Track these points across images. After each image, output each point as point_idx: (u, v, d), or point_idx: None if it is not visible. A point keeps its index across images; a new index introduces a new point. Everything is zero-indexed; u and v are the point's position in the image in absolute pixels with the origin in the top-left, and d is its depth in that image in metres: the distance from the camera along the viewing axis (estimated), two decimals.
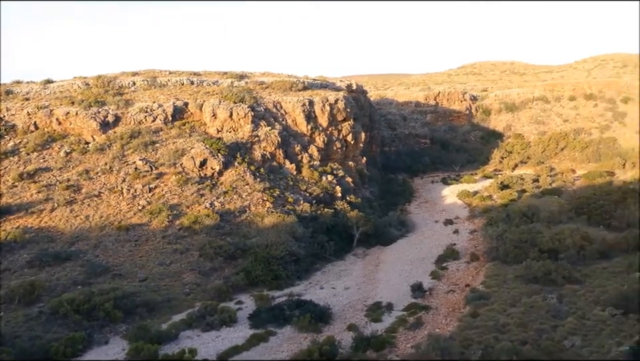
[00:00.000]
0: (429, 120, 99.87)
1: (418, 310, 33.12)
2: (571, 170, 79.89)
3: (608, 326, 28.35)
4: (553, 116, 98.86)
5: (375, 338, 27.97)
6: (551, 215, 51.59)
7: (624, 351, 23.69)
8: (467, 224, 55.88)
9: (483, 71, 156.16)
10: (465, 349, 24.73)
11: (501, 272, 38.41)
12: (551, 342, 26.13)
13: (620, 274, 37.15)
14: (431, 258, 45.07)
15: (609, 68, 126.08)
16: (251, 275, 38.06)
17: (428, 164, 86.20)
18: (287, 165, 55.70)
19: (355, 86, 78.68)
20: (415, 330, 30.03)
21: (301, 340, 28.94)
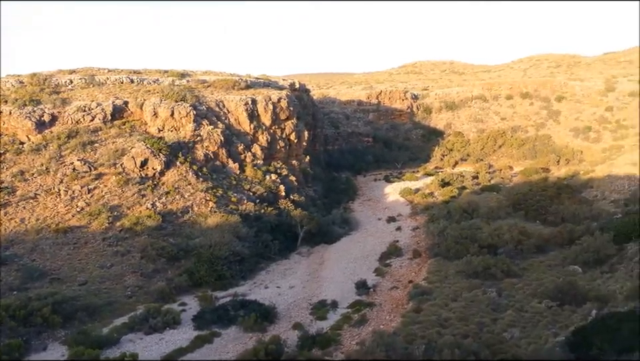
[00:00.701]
0: (371, 118, 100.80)
1: (362, 307, 33.42)
2: (508, 167, 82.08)
3: (545, 317, 29.32)
4: (491, 114, 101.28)
5: (320, 336, 28.07)
6: (490, 211, 52.91)
7: (560, 341, 24.50)
8: (409, 221, 56.70)
9: (424, 70, 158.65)
10: (409, 344, 25.10)
11: (443, 268, 39.15)
12: (491, 334, 26.84)
13: (556, 267, 38.49)
14: (375, 255, 45.54)
15: (543, 67, 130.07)
16: (194, 276, 37.62)
17: (371, 163, 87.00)
18: (230, 164, 55.25)
19: (297, 85, 78.72)
20: (360, 327, 30.30)
21: (246, 340, 28.80)
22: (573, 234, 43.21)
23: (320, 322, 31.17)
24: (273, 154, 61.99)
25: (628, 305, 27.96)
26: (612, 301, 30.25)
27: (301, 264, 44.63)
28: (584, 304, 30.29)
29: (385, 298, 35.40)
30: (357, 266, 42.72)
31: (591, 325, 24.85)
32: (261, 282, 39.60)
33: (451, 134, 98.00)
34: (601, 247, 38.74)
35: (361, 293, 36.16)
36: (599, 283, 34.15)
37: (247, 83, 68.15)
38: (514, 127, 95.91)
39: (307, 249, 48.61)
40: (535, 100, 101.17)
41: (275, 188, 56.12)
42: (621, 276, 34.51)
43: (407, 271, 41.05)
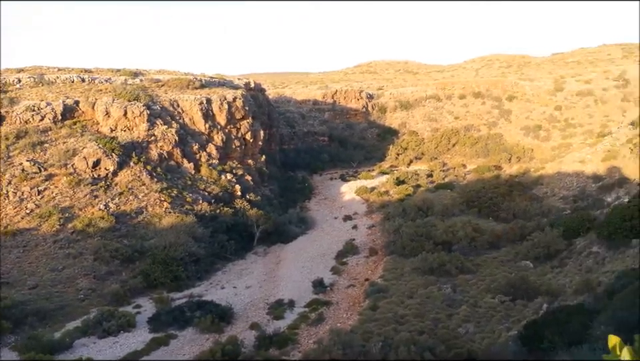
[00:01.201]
0: (327, 118, 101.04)
1: (319, 305, 33.51)
2: (462, 165, 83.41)
3: (498, 312, 29.93)
4: (445, 113, 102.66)
5: (277, 335, 28.05)
6: (445, 208, 53.67)
7: (513, 335, 25.03)
8: (365, 220, 57.08)
9: (379, 70, 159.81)
10: (366, 342, 25.28)
11: (399, 265, 39.55)
12: (447, 330, 27.25)
13: (508, 263, 39.33)
14: (331, 253, 45.71)
15: (494, 68, 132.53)
16: (149, 277, 37.10)
17: (327, 162, 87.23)
18: (185, 164, 54.65)
19: (253, 84, 78.39)
20: (317, 326, 30.37)
21: (203, 341, 28.56)
22: (524, 230, 44.21)
23: (277, 322, 31.12)
24: (228, 154, 61.58)
25: (577, 298, 28.76)
26: (562, 295, 31.07)
27: (257, 264, 44.48)
28: (535, 298, 31.04)
29: (342, 296, 35.57)
30: (313, 265, 42.80)
31: (542, 319, 25.46)
32: (217, 283, 39.32)
33: (405, 133, 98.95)
34: (551, 242, 39.76)
35: (317, 292, 36.25)
36: (550, 277, 35.03)
37: (202, 82, 67.52)
38: (467, 126, 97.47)
39: (264, 249, 48.49)
40: (487, 99, 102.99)
41: (231, 187, 55.77)
42: (570, 271, 35.48)
43: (364, 269, 41.31)
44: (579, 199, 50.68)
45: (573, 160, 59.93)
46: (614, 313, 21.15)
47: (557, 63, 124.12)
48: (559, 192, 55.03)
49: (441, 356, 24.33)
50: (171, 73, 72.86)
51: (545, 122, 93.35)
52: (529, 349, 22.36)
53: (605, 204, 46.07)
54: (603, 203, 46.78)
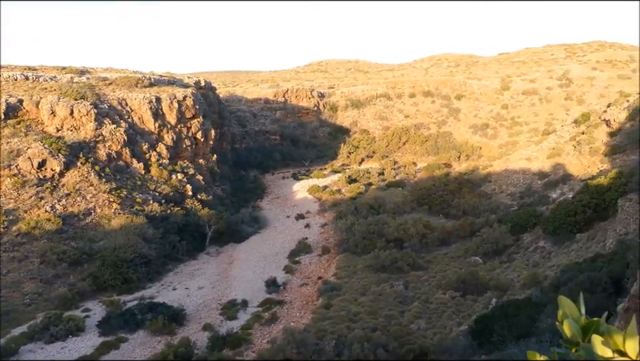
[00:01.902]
0: (278, 116, 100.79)
1: (273, 305, 33.48)
2: (412, 163, 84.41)
3: (449, 307, 30.47)
4: (395, 112, 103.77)
5: (230, 336, 27.89)
6: (396, 206, 54.30)
7: (463, 330, 25.49)
8: (317, 218, 57.23)
9: (330, 69, 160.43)
10: (320, 340, 25.37)
11: (351, 263, 39.82)
12: (399, 326, 27.58)
13: (458, 259, 40.08)
14: (284, 252, 45.70)
15: (443, 67, 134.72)
16: (98, 280, 36.36)
17: (279, 161, 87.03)
18: (134, 164, 53.69)
19: (203, 82, 77.59)
20: (271, 325, 30.34)
21: (154, 343, 28.16)
22: (473, 227, 45.15)
23: (230, 322, 30.95)
24: (179, 153, 60.81)
25: (525, 292, 29.50)
26: (510, 289, 31.84)
27: (209, 264, 44.10)
28: (485, 293, 31.73)
29: (295, 295, 35.60)
30: (266, 264, 42.71)
31: (492, 313, 26.02)
32: (168, 284, 38.82)
33: (357, 132, 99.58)
34: (499, 238, 40.70)
35: (271, 291, 36.19)
36: (499, 272, 35.85)
37: (151, 81, 66.46)
38: (417, 124, 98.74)
39: (216, 249, 48.10)
40: (437, 98, 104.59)
41: (182, 187, 55.10)
42: (518, 265, 36.37)
43: (317, 267, 41.44)
44: (526, 195, 51.98)
45: (520, 157, 61.43)
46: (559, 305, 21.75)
47: (504, 63, 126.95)
48: (507, 188, 56.32)
49: (394, 352, 24.62)
50: (118, 71, 71.46)
51: (493, 120, 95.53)
52: (480, 343, 22.82)
53: (550, 200, 47.40)
54: (548, 199, 48.12)
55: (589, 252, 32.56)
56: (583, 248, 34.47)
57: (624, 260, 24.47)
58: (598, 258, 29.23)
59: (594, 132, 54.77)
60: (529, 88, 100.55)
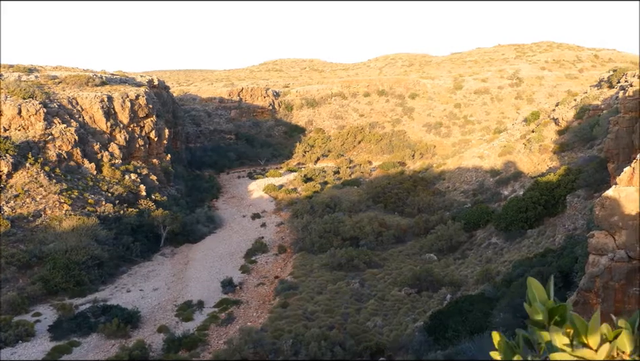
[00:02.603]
0: (233, 116, 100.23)
1: (229, 305, 33.30)
2: (367, 161, 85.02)
3: (405, 304, 30.84)
4: (350, 111, 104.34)
5: (186, 337, 27.63)
6: (352, 205, 54.62)
7: (419, 326, 25.81)
8: (273, 217, 57.11)
9: (284, 68, 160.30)
10: (277, 339, 25.36)
11: (308, 262, 39.90)
12: (356, 324, 27.78)
13: (413, 256, 40.57)
14: (240, 252, 45.47)
15: (397, 66, 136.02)
16: (49, 283, 35.47)
17: (234, 160, 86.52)
18: (85, 164, 52.58)
19: (156, 81, 76.49)
20: (227, 326, 30.18)
21: (108, 347, 27.67)
22: (428, 224, 45.80)
23: (186, 323, 30.65)
24: (132, 153, 59.82)
25: (478, 288, 30.07)
26: (464, 285, 32.42)
27: (164, 265, 43.56)
28: (440, 290, 32.22)
29: (252, 294, 35.48)
30: (222, 264, 42.43)
31: (446, 309, 26.43)
32: (122, 286, 38.18)
33: (312, 131, 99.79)
34: (453, 235, 41.39)
35: (227, 291, 35.98)
36: (453, 269, 36.44)
37: (102, 79, 65.21)
38: (372, 123, 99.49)
39: (171, 249, 47.52)
40: (391, 97, 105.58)
41: (135, 187, 54.23)
42: (471, 262, 37.04)
43: (273, 267, 41.38)
44: (479, 193, 52.95)
45: (472, 155, 62.52)
46: (511, 300, 22.27)
47: (456, 62, 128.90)
48: (460, 186, 57.27)
49: (351, 350, 24.78)
50: (69, 70, 69.86)
51: (446, 119, 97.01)
52: (435, 339, 23.16)
53: (502, 197, 48.42)
54: (500, 196, 49.13)
55: (539, 248, 33.40)
56: (534, 244, 35.33)
57: (572, 255, 25.18)
58: (548, 253, 30.02)
59: (543, 130, 56.13)
60: (480, 88, 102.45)
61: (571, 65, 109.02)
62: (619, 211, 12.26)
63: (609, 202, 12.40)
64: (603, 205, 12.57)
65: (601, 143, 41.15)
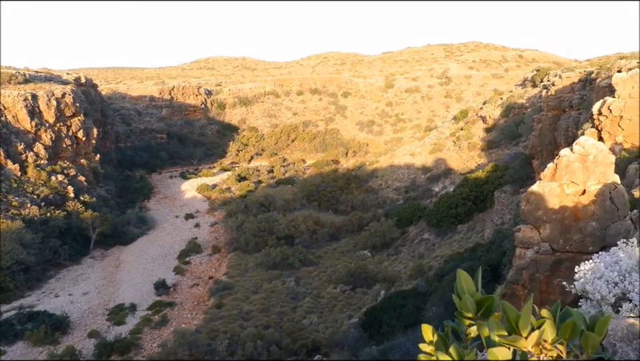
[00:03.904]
0: (164, 114, 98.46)
1: (163, 307, 32.78)
2: (301, 160, 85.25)
3: (340, 301, 31.14)
4: (284, 109, 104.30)
5: (118, 341, 27.03)
6: (286, 203, 54.68)
7: (354, 323, 26.09)
8: (207, 217, 56.52)
9: (216, 66, 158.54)
10: (212, 340, 25.15)
11: (243, 262, 39.73)
12: (292, 322, 27.85)
13: (348, 253, 40.98)
14: (174, 253, 44.80)
15: (330, 65, 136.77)
16: None
17: (166, 159, 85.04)
18: (9, 165, 50.49)
19: (84, 79, 74.32)
20: (161, 328, 29.71)
21: (35, 354, 26.72)
22: (362, 221, 46.36)
23: (118, 327, 29.96)
24: (58, 154, 57.85)
25: (411, 283, 30.65)
26: (398, 281, 32.98)
27: (94, 269, 42.39)
28: (374, 286, 32.68)
29: (186, 296, 35.04)
30: (155, 266, 41.68)
31: (381, 305, 26.83)
32: (50, 291, 36.91)
33: (245, 130, 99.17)
34: (386, 231, 42.04)
35: (160, 293, 35.38)
36: (386, 265, 37.01)
37: (26, 77, 62.80)
38: (305, 122, 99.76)
39: (101, 252, 46.28)
40: (324, 95, 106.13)
41: (63, 189, 52.50)
42: (404, 257, 37.72)
43: (207, 267, 40.97)
44: (411, 190, 53.96)
45: (404, 153, 63.64)
46: (443, 294, 22.81)
47: (387, 61, 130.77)
48: (393, 183, 58.20)
49: (287, 348, 24.83)
50: None
51: (378, 117, 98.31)
52: (370, 334, 23.47)
53: (433, 194, 49.49)
54: (431, 193, 50.21)
55: (469, 242, 34.35)
56: (464, 239, 36.31)
57: (501, 249, 26.01)
58: (477, 248, 30.91)
59: (472, 128, 57.74)
60: (411, 86, 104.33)
61: (497, 65, 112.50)
62: (543, 205, 12.75)
63: (534, 197, 12.87)
64: (528, 200, 13.03)
65: (525, 140, 42.66)
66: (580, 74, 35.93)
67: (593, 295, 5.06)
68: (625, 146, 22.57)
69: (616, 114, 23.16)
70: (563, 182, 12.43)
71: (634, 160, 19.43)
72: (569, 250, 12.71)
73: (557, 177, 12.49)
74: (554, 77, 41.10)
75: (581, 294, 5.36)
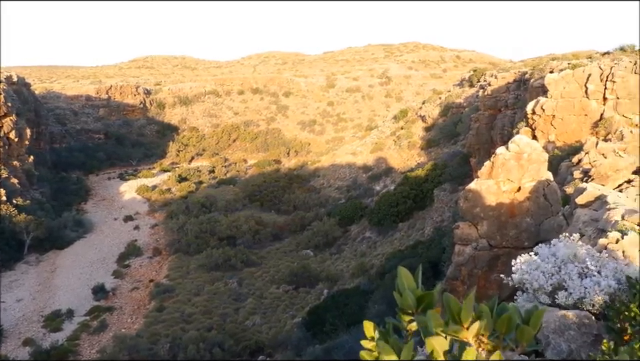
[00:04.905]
0: (102, 114, 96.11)
1: (101, 312, 32.07)
2: (243, 160, 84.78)
3: (283, 301, 31.14)
4: (225, 109, 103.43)
5: (55, 348, 26.28)
6: (228, 204, 54.27)
7: (297, 322, 26.11)
8: (147, 219, 55.53)
9: (155, 65, 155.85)
10: (154, 344, 24.75)
11: (184, 264, 39.23)
12: (235, 324, 27.69)
13: (291, 253, 41.01)
14: (113, 257, 43.82)
15: (271, 64, 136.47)
16: None
17: (104, 160, 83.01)
18: None
19: (15, 78, 71.75)
20: (100, 334, 29.05)
21: None
22: (304, 221, 46.46)
23: (55, 334, 29.10)
24: None
25: (354, 281, 30.92)
26: (341, 279, 33.21)
27: (29, 274, 40.98)
28: (317, 285, 32.81)
29: (126, 300, 34.33)
30: (93, 270, 40.65)
31: (324, 304, 26.95)
32: None
33: (186, 130, 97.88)
34: (328, 231, 42.27)
35: (99, 298, 34.56)
36: (329, 264, 37.22)
37: None
38: (246, 121, 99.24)
39: (36, 257, 44.78)
40: (265, 95, 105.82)
41: None
42: (347, 256, 38.02)
43: (148, 270, 40.26)
44: (352, 189, 54.39)
45: (346, 152, 64.11)
46: (385, 292, 23.08)
47: (328, 61, 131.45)
48: (335, 182, 58.53)
49: (230, 350, 24.65)
50: None
51: (320, 117, 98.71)
52: (313, 333, 23.53)
53: (374, 193, 50.04)
54: (373, 191, 50.76)
55: (410, 240, 34.89)
56: (405, 237, 36.85)
57: (440, 246, 26.51)
58: (418, 245, 31.44)
59: (411, 127, 58.65)
60: (352, 86, 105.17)
61: (436, 65, 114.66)
62: (481, 203, 13.06)
63: (472, 194, 13.17)
64: (466, 197, 13.33)
65: (464, 139, 43.64)
66: (515, 75, 37.02)
67: (530, 285, 5.21)
68: (557, 144, 23.40)
69: (549, 113, 23.96)
70: (499, 180, 12.76)
71: (565, 158, 20.15)
72: (505, 245, 13.06)
73: (494, 175, 12.82)
74: (490, 77, 42.18)
75: (518, 286, 5.49)
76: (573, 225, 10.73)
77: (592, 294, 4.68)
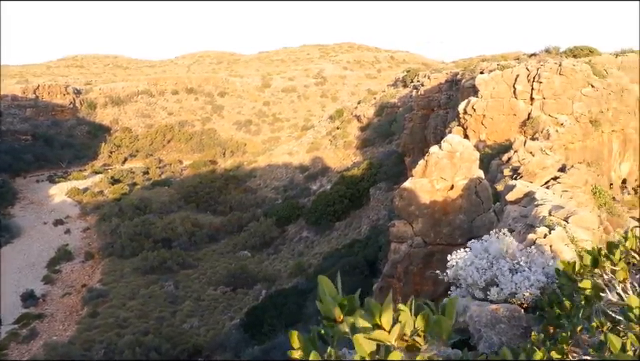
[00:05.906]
0: (29, 115, 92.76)
1: (31, 319, 31.02)
2: (178, 160, 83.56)
3: (220, 303, 30.94)
4: (158, 109, 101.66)
5: None
6: (163, 205, 53.41)
7: (235, 324, 25.99)
8: (79, 223, 54.01)
9: (86, 64, 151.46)
10: (87, 351, 24.19)
11: (118, 267, 38.43)
12: (172, 327, 27.31)
13: (228, 254, 40.77)
14: (42, 262, 42.43)
15: (206, 64, 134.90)
16: None
17: (31, 162, 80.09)
18: None
19: None
20: (30, 342, 28.12)
21: None
22: (241, 221, 46.25)
23: None
24: None
25: (292, 281, 31.01)
26: (279, 279, 33.24)
27: None
28: (255, 286, 32.74)
29: (57, 306, 33.33)
30: (22, 276, 39.23)
31: (262, 304, 26.92)
32: None
33: (118, 130, 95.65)
34: (266, 231, 42.21)
35: (28, 305, 33.40)
36: (267, 264, 37.19)
37: None
38: (181, 122, 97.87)
39: None
40: (200, 95, 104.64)
41: None
42: (284, 256, 38.08)
43: (80, 275, 39.18)
44: (289, 189, 54.44)
45: (282, 152, 64.10)
46: None
47: (264, 61, 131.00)
48: (271, 183, 58.43)
49: (167, 353, 24.31)
50: None
51: (255, 117, 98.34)
52: (252, 334, 23.48)
53: (311, 192, 50.24)
54: (309, 191, 50.94)
55: (347, 239, 35.23)
56: (342, 235, 37.19)
57: (377, 244, 26.91)
58: (355, 244, 31.78)
59: (347, 127, 59.18)
60: (288, 86, 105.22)
61: (370, 66, 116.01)
62: (415, 201, 13.33)
63: (406, 193, 13.43)
64: (401, 196, 13.58)
65: (398, 138, 44.36)
66: (447, 75, 37.89)
67: (465, 280, 5.38)
68: (488, 143, 24.10)
69: (479, 113, 24.66)
70: (432, 178, 13.06)
71: (496, 156, 20.79)
72: (439, 242, 13.38)
73: (427, 173, 13.11)
74: (423, 78, 43.03)
75: (452, 281, 5.66)
76: (504, 221, 11.11)
77: (523, 289, 4.89)
